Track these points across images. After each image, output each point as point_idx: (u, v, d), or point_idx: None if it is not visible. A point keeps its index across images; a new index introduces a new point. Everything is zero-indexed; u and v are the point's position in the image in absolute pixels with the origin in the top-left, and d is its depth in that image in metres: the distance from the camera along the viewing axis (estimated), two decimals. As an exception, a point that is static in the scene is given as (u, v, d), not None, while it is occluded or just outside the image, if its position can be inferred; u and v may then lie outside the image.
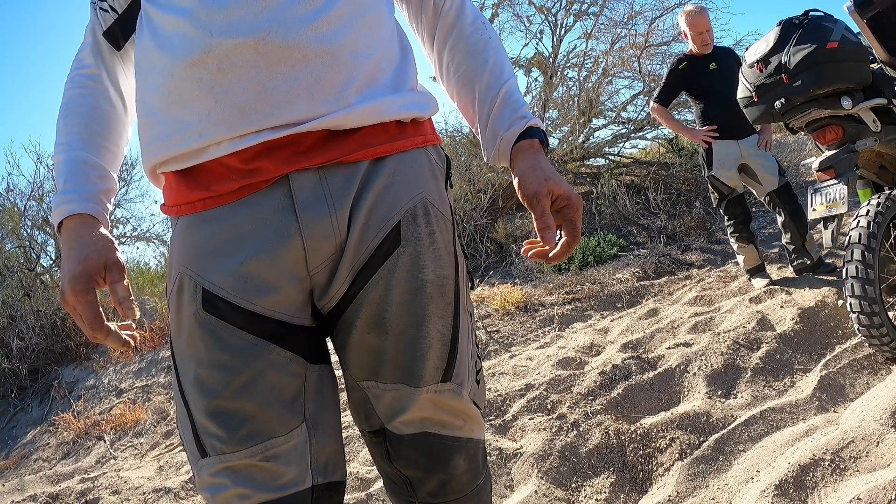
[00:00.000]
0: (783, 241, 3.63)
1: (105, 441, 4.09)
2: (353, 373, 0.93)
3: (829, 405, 2.11)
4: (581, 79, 7.06)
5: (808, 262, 3.51)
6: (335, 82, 0.86)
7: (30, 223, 7.56)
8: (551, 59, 6.87)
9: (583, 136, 6.99)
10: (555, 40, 6.91)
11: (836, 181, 2.45)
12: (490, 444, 2.19)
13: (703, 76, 3.66)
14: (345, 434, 2.58)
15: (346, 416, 2.56)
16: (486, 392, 2.75)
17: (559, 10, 6.89)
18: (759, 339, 2.68)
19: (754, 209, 4.96)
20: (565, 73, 7.14)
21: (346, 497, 2.07)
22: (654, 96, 3.86)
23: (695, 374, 2.48)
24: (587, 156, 7.11)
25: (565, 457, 2.05)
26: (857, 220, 2.24)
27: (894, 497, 1.35)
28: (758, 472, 1.73)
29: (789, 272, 3.69)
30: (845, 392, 2.19)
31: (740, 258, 3.75)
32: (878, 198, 2.28)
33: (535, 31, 7.01)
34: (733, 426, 2.01)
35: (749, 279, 3.75)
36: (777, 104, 2.51)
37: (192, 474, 0.93)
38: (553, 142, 7.27)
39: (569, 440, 2.12)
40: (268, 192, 0.85)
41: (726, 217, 3.71)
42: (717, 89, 3.58)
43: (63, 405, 5.10)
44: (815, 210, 2.53)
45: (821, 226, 2.54)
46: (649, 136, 7.29)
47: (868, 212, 2.23)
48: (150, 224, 9.59)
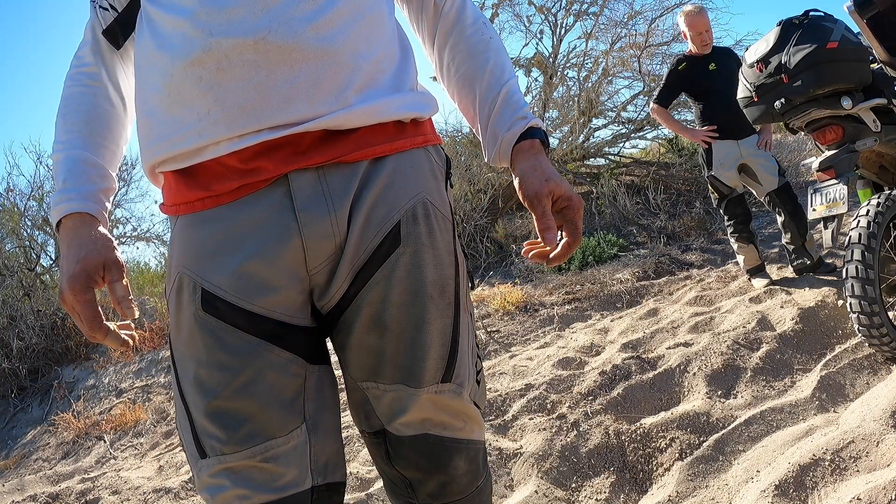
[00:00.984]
0: (783, 241, 3.63)
1: (105, 441, 4.09)
2: (353, 373, 0.92)
3: (829, 405, 2.11)
4: (581, 79, 7.07)
5: (808, 262, 3.52)
6: (335, 82, 0.86)
7: (30, 223, 7.56)
8: (551, 59, 6.87)
9: (583, 136, 6.99)
10: (555, 40, 6.91)
11: (836, 181, 2.45)
12: (490, 444, 2.19)
13: (702, 76, 3.66)
14: (345, 434, 2.58)
15: (346, 417, 2.56)
16: (487, 392, 2.76)
17: (559, 10, 6.90)
18: (759, 339, 2.68)
19: (754, 209, 4.96)
20: (565, 73, 7.14)
21: (346, 497, 2.07)
22: (654, 97, 3.86)
23: (695, 374, 2.48)
24: (587, 156, 7.11)
25: (565, 457, 2.05)
26: (857, 220, 2.24)
27: (894, 497, 1.35)
28: (758, 472, 1.73)
29: (789, 272, 3.69)
30: (845, 392, 2.19)
31: (740, 258, 3.75)
32: (878, 198, 2.28)
33: (535, 31, 7.03)
34: (733, 426, 2.01)
35: (749, 279, 3.75)
36: (777, 104, 2.51)
37: (192, 474, 0.92)
38: (553, 142, 7.27)
39: (569, 440, 2.12)
40: (267, 191, 0.85)
41: (726, 217, 3.71)
42: (716, 89, 3.58)
43: (63, 405, 5.10)
44: (815, 210, 2.53)
45: (821, 226, 2.54)
46: (649, 136, 7.30)
47: (868, 212, 2.23)
48: (150, 224, 9.59)
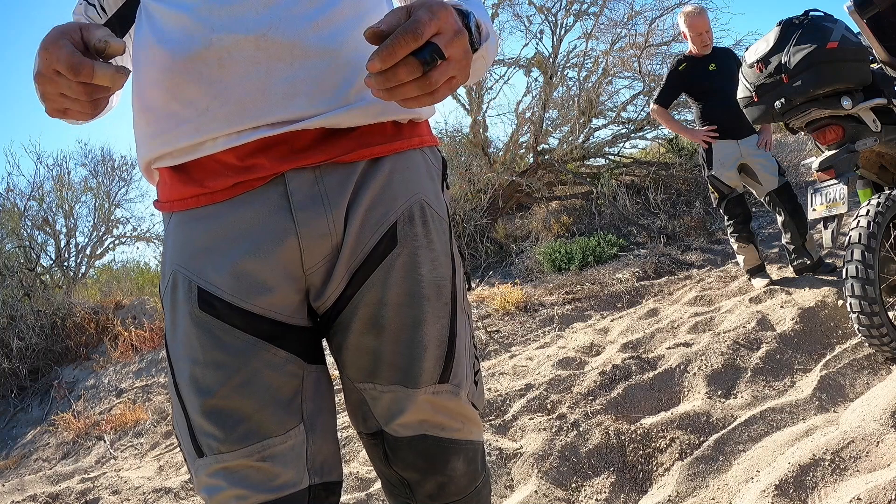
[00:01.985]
0: (783, 240, 3.63)
1: (105, 441, 4.09)
2: (350, 374, 0.92)
3: (829, 405, 2.11)
4: (581, 79, 7.07)
5: (808, 262, 3.52)
6: (334, 81, 0.85)
7: (30, 223, 7.57)
8: (551, 59, 6.87)
9: (583, 136, 6.99)
10: (555, 40, 6.91)
11: (836, 181, 2.45)
12: (490, 444, 2.19)
13: (702, 77, 3.66)
14: (344, 434, 2.58)
15: (344, 417, 2.55)
16: (486, 392, 2.76)
17: (559, 10, 6.89)
18: (759, 339, 2.68)
19: (754, 209, 4.96)
20: (565, 73, 7.14)
21: (346, 497, 2.07)
22: (655, 97, 3.86)
23: (695, 374, 2.48)
24: (587, 156, 7.11)
25: (565, 457, 2.05)
26: (857, 220, 2.24)
27: (894, 497, 1.35)
28: (758, 472, 1.73)
29: (789, 272, 3.69)
30: (845, 392, 2.19)
31: (740, 258, 3.75)
32: (878, 198, 2.28)
33: (535, 31, 7.02)
34: (733, 426, 2.01)
35: (749, 279, 3.75)
36: (777, 104, 2.51)
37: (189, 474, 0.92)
38: (553, 142, 7.28)
39: (569, 440, 2.12)
40: (263, 190, 0.85)
41: (726, 217, 3.71)
42: (716, 89, 3.58)
43: (63, 405, 5.10)
44: (815, 210, 2.53)
45: (821, 226, 2.54)
46: (649, 136, 7.30)
47: (868, 212, 2.23)
48: (150, 224, 9.60)
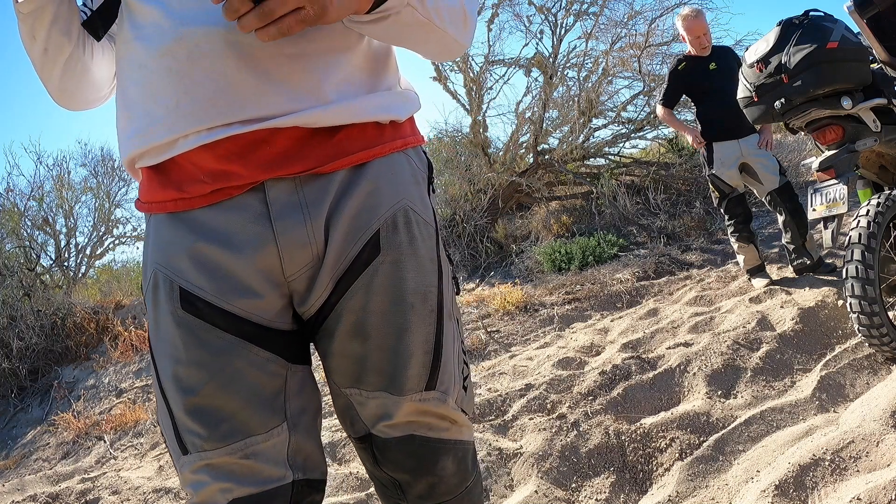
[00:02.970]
0: (783, 240, 3.63)
1: (105, 441, 4.09)
2: (337, 379, 0.92)
3: (829, 405, 2.11)
4: (581, 79, 7.06)
5: (808, 262, 3.52)
6: (310, 78, 0.84)
7: (30, 223, 7.56)
8: (551, 59, 6.86)
9: (583, 136, 6.99)
10: (555, 40, 6.91)
11: (836, 181, 2.45)
12: (490, 444, 2.19)
13: (703, 77, 3.67)
14: (343, 435, 2.57)
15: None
16: (486, 392, 2.76)
17: (559, 10, 6.89)
18: (759, 339, 2.68)
19: (754, 209, 4.96)
20: (565, 73, 7.14)
21: (346, 497, 2.07)
22: (659, 99, 3.87)
23: (695, 374, 2.48)
24: (587, 156, 7.11)
25: (565, 457, 2.05)
26: (857, 220, 2.24)
27: (894, 497, 1.35)
28: (758, 472, 1.73)
29: (789, 272, 3.69)
30: (845, 392, 2.19)
31: (740, 258, 3.75)
32: (878, 198, 2.28)
33: (535, 31, 7.00)
34: (733, 426, 2.01)
35: (749, 279, 3.75)
36: (777, 104, 2.51)
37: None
38: (553, 142, 7.28)
39: (569, 440, 2.12)
40: (241, 199, 0.84)
41: (727, 217, 3.71)
42: (717, 89, 3.58)
43: (63, 405, 5.10)
44: (815, 210, 2.53)
45: (821, 226, 2.54)
46: (649, 136, 7.29)
47: (868, 212, 2.23)
48: (150, 224, 9.56)
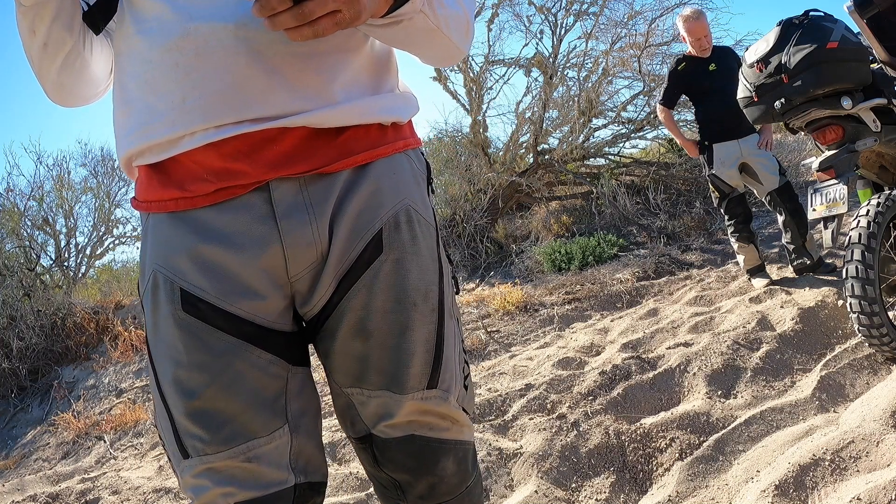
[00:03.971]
0: (783, 240, 3.63)
1: (105, 441, 4.09)
2: (338, 379, 0.92)
3: (829, 405, 2.11)
4: (581, 79, 7.06)
5: (808, 262, 3.52)
6: (317, 77, 0.84)
7: (30, 223, 7.56)
8: (551, 59, 6.86)
9: (583, 136, 6.99)
10: (555, 40, 6.91)
11: (836, 181, 2.45)
12: (490, 444, 2.19)
13: (703, 76, 3.66)
14: (342, 435, 2.57)
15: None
16: (486, 392, 2.76)
17: (559, 10, 6.89)
18: (759, 339, 2.68)
19: (754, 209, 4.96)
20: (565, 73, 7.14)
21: (346, 497, 2.07)
22: (659, 99, 3.86)
23: (695, 374, 2.48)
24: (587, 156, 7.11)
25: (565, 457, 2.05)
26: (857, 220, 2.24)
27: (894, 497, 1.35)
28: (758, 472, 1.73)
29: (789, 272, 3.69)
30: (845, 392, 2.19)
31: (740, 258, 3.75)
32: (878, 198, 2.28)
33: (535, 31, 7.01)
34: (733, 426, 2.01)
35: (749, 279, 3.75)
36: (777, 104, 2.51)
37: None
38: (553, 142, 7.28)
39: (569, 440, 2.12)
40: (245, 198, 0.84)
41: (727, 217, 3.71)
42: (717, 89, 3.58)
43: (63, 405, 5.10)
44: (815, 210, 2.53)
45: (821, 226, 2.54)
46: (649, 136, 7.29)
47: (868, 212, 2.23)
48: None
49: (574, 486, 1.95)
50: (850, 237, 2.22)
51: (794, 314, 2.86)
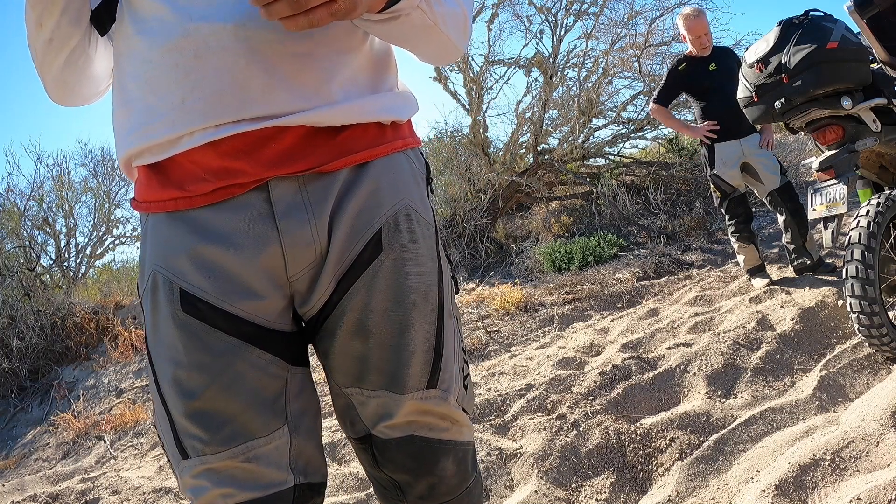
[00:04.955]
0: (783, 240, 3.63)
1: (105, 441, 4.09)
2: (338, 379, 0.92)
3: (829, 405, 2.11)
4: (581, 79, 7.06)
5: (808, 262, 3.52)
6: (316, 76, 0.84)
7: (30, 223, 7.56)
8: (551, 59, 6.86)
9: (583, 136, 6.99)
10: (555, 40, 6.91)
11: (836, 181, 2.45)
12: (490, 444, 2.19)
13: (703, 77, 3.67)
14: (342, 435, 2.57)
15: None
16: (486, 392, 2.76)
17: (559, 10, 6.89)
18: (759, 339, 2.68)
19: (755, 209, 4.97)
20: (565, 73, 7.14)
21: (346, 497, 2.07)
22: (654, 97, 3.86)
23: (695, 374, 2.48)
24: (587, 156, 7.11)
25: (565, 457, 2.05)
26: (857, 220, 2.24)
27: (894, 497, 1.35)
28: (758, 472, 1.73)
29: (789, 272, 3.69)
30: (845, 392, 2.19)
31: (740, 258, 3.75)
32: (878, 198, 2.28)
33: (535, 31, 7.01)
34: (733, 426, 2.01)
35: (749, 279, 3.75)
36: (777, 104, 2.51)
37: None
38: (553, 142, 7.28)
39: (569, 440, 2.12)
40: (244, 198, 0.84)
41: (728, 216, 3.71)
42: (717, 89, 3.58)
43: (63, 405, 5.10)
44: (815, 210, 2.53)
45: (821, 226, 2.54)
46: (649, 136, 7.29)
47: (868, 212, 2.23)
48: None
49: (574, 486, 1.95)
50: (850, 237, 2.22)
51: (794, 314, 2.86)
